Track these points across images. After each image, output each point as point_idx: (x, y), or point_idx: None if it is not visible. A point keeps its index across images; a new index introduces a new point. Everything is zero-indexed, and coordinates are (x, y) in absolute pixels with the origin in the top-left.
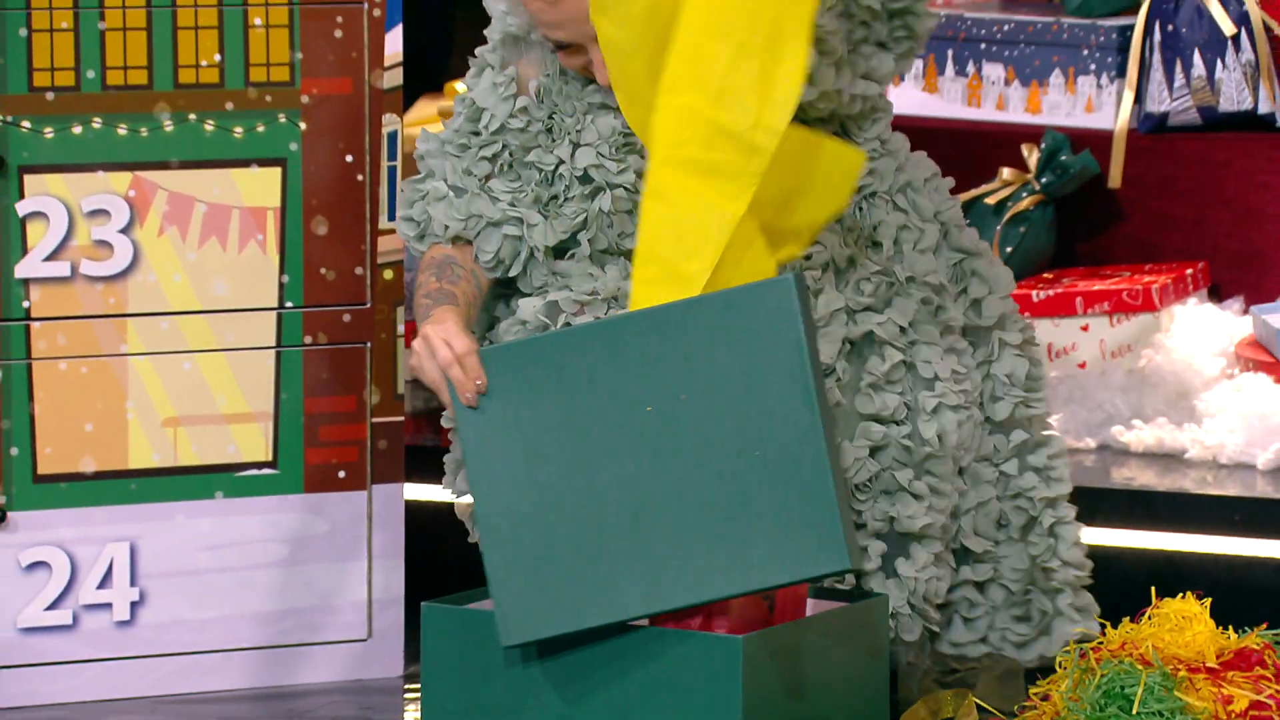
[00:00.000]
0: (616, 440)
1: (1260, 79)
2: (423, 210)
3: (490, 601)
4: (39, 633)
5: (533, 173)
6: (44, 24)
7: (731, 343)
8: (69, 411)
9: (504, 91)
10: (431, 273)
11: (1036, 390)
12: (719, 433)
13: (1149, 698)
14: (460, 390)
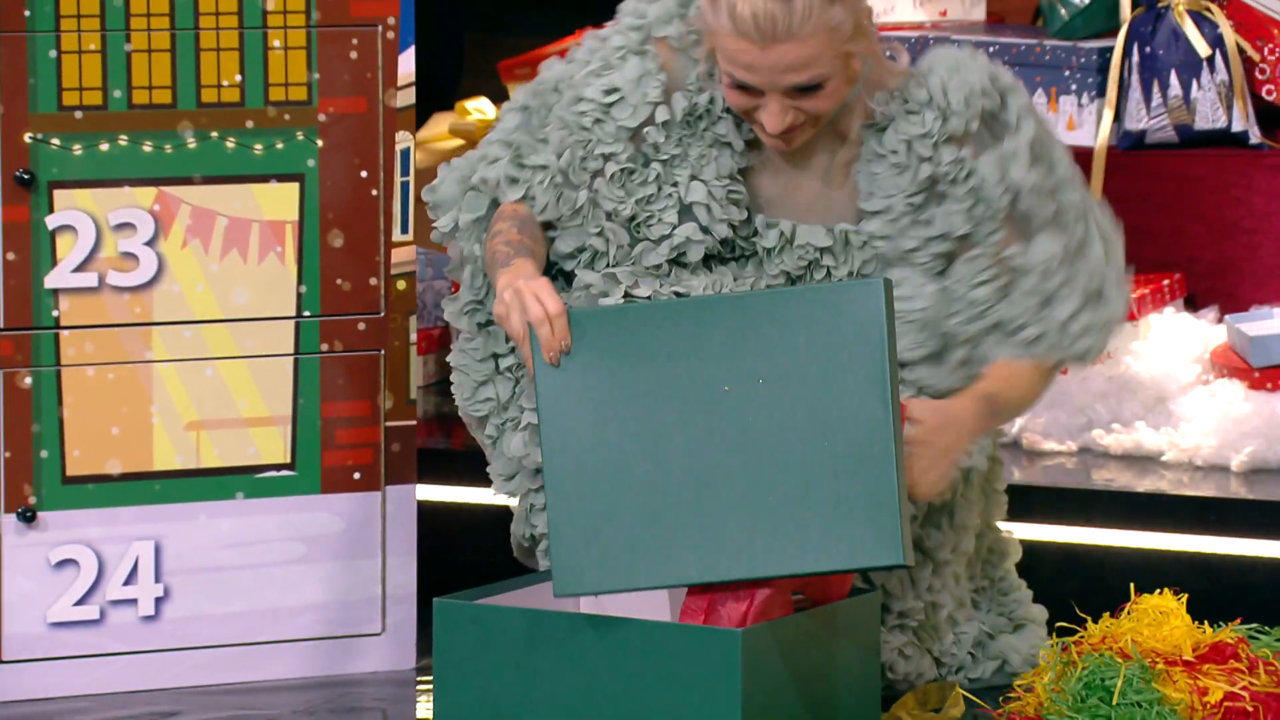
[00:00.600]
0: (691, 413)
1: (1234, 98)
2: (528, 177)
3: (500, 598)
4: (68, 627)
5: (641, 186)
6: (72, 46)
7: (816, 335)
8: (96, 416)
9: (653, 95)
10: (514, 224)
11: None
12: (792, 419)
13: (1128, 689)
14: (546, 348)
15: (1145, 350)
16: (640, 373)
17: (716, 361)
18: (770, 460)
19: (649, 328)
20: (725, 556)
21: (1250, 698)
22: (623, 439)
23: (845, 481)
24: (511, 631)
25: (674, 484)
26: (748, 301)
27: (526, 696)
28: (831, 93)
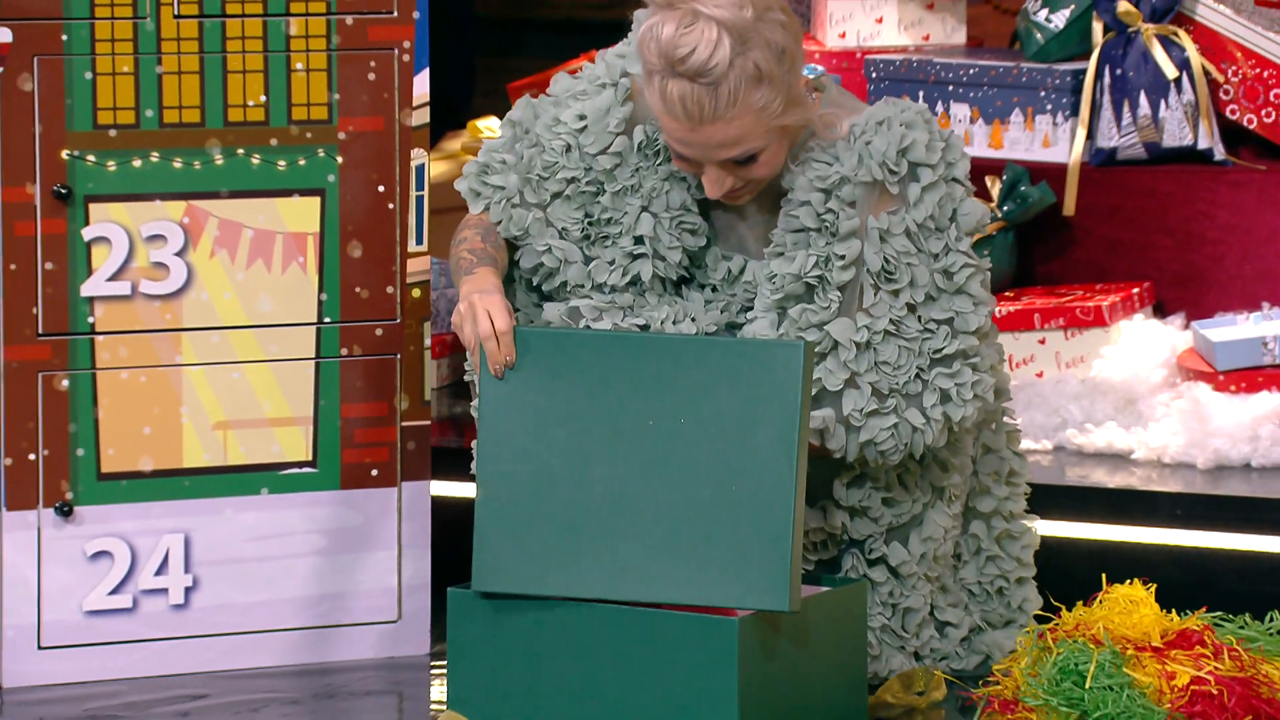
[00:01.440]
0: (616, 441)
1: (1200, 118)
2: (489, 194)
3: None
4: (102, 615)
5: (598, 210)
6: (107, 68)
7: (738, 386)
8: (129, 416)
9: (614, 126)
10: (478, 232)
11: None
12: (707, 461)
13: (1100, 674)
14: (491, 361)
15: (1115, 354)
16: (576, 396)
17: (645, 396)
18: (682, 496)
19: (589, 355)
20: (629, 580)
21: (1215, 681)
22: (551, 455)
23: (746, 527)
24: (520, 619)
25: (593, 504)
26: (681, 345)
27: (534, 680)
28: (766, 161)
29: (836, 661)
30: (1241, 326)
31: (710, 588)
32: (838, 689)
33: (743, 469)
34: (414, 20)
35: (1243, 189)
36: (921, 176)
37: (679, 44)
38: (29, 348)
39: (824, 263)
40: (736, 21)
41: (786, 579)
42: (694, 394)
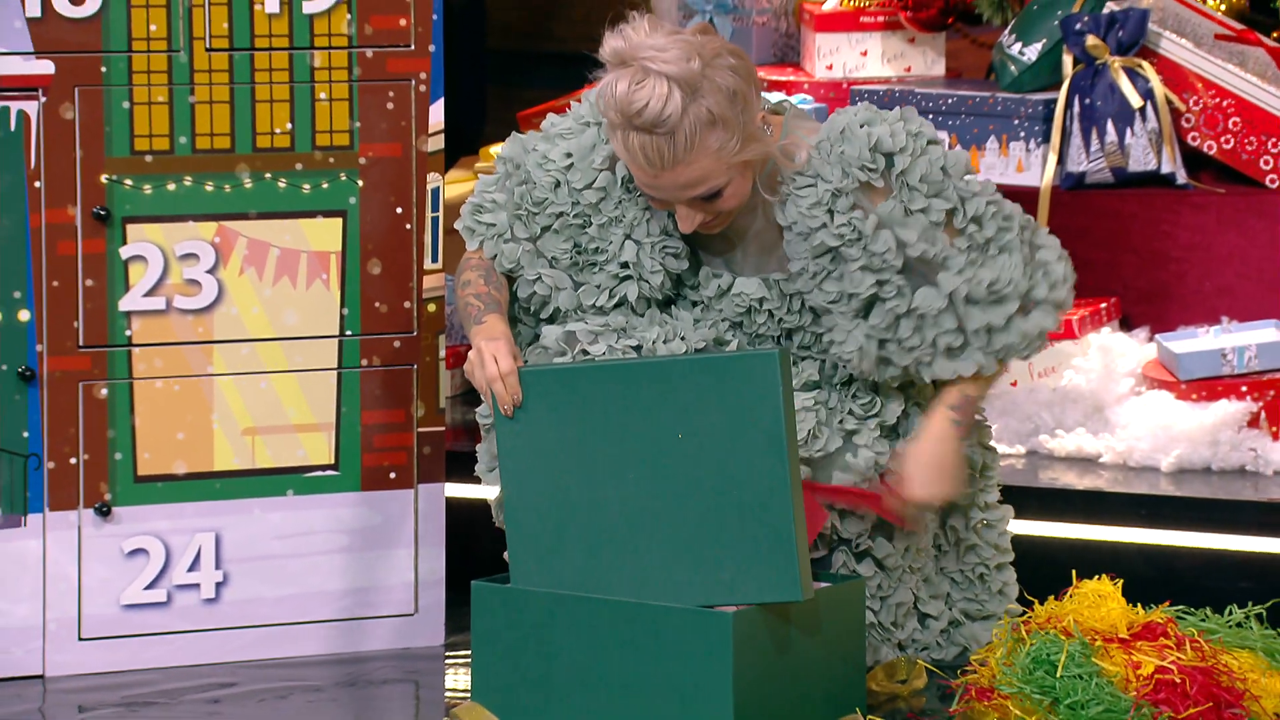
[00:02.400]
0: (622, 461)
1: (1163, 144)
2: (483, 232)
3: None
4: (139, 609)
5: (585, 240)
6: (143, 98)
7: (724, 399)
8: (164, 422)
9: (598, 163)
10: (480, 274)
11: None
12: (706, 470)
13: (1070, 664)
14: (500, 403)
15: (1085, 365)
16: (580, 424)
17: (642, 417)
18: (689, 505)
19: (587, 386)
20: (649, 586)
21: (1178, 671)
22: (567, 481)
23: (751, 527)
24: (537, 611)
25: (609, 521)
26: (668, 367)
27: (549, 668)
28: (731, 195)
29: (836, 653)
30: (1202, 339)
31: (726, 586)
32: (837, 680)
33: (740, 473)
34: (430, 53)
35: (1203, 211)
36: (897, 163)
37: (632, 99)
38: (70, 359)
39: (875, 268)
40: (684, 73)
41: (795, 570)
42: (686, 410)
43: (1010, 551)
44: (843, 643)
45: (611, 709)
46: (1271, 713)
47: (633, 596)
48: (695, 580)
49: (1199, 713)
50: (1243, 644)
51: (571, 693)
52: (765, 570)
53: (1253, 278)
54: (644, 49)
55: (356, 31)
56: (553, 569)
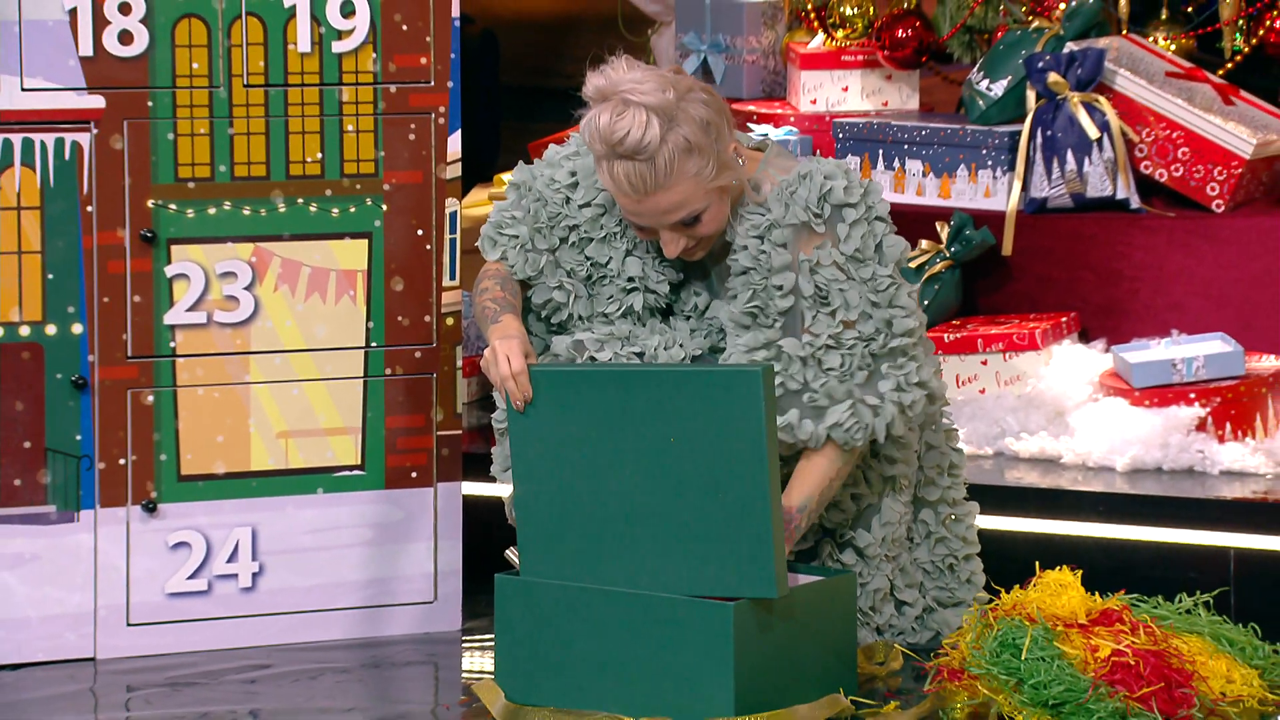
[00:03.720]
0: (621, 459)
1: (1118, 172)
2: (505, 243)
3: None
4: (182, 597)
5: (597, 252)
6: (186, 130)
7: (711, 411)
8: (205, 426)
9: (599, 183)
10: (497, 282)
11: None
12: (694, 475)
13: (1034, 647)
14: (512, 398)
15: (1048, 374)
16: (583, 422)
17: (639, 421)
18: (678, 504)
19: (591, 388)
20: (641, 574)
21: (1132, 654)
22: (572, 474)
23: (733, 528)
24: (553, 601)
25: (608, 514)
26: (664, 376)
27: (565, 652)
28: (710, 220)
29: (828, 640)
30: (1154, 350)
31: (710, 582)
32: (830, 664)
33: (725, 478)
34: (448, 89)
35: (1155, 233)
36: (846, 216)
37: (615, 129)
38: (119, 368)
39: (763, 293)
40: (661, 104)
41: (772, 570)
42: (678, 417)
43: (977, 544)
44: (835, 630)
45: (620, 691)
46: (1218, 691)
47: (627, 586)
48: (683, 574)
49: (1151, 692)
50: (1191, 629)
51: (584, 676)
52: (745, 569)
53: (1200, 294)
54: (623, 83)
55: (381, 69)
56: (557, 556)
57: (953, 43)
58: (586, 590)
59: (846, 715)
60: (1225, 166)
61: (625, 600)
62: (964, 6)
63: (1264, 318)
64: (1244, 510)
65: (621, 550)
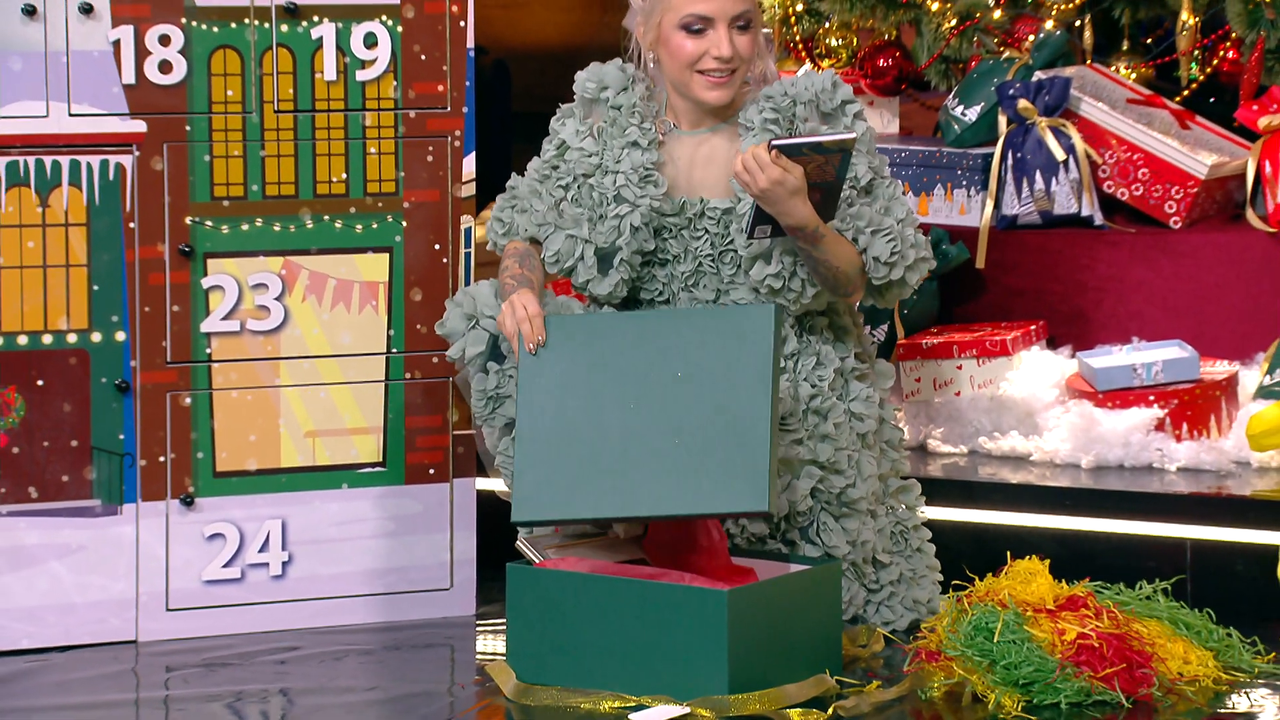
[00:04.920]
0: (624, 393)
1: (1083, 191)
2: (510, 216)
3: (551, 561)
4: (217, 584)
5: (592, 195)
6: (221, 152)
7: (723, 342)
8: (238, 426)
9: (583, 134)
10: (515, 260)
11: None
12: (698, 402)
13: (1006, 631)
14: (526, 340)
15: (1017, 378)
16: (592, 362)
17: (648, 357)
18: (681, 430)
19: (602, 330)
20: (638, 498)
21: (1096, 637)
22: (574, 409)
23: (732, 449)
24: (561, 588)
25: (608, 443)
26: (676, 314)
27: (572, 635)
28: (750, 44)
29: (815, 626)
30: (1116, 356)
31: (705, 498)
32: (817, 645)
33: (729, 404)
34: (463, 114)
35: (1117, 248)
36: (848, 111)
37: None
38: (160, 373)
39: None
40: None
41: (765, 486)
42: (688, 351)
43: (922, 517)
44: (821, 615)
45: (623, 672)
46: (1176, 672)
47: (621, 507)
48: (677, 492)
49: (1114, 672)
50: (1151, 614)
51: (590, 657)
52: (741, 485)
53: (1158, 304)
54: None
55: (401, 96)
56: (552, 483)
57: (930, 71)
58: (592, 579)
59: (832, 694)
60: (1182, 186)
61: (628, 586)
62: (940, 38)
63: (1217, 326)
64: (1199, 504)
65: (619, 478)
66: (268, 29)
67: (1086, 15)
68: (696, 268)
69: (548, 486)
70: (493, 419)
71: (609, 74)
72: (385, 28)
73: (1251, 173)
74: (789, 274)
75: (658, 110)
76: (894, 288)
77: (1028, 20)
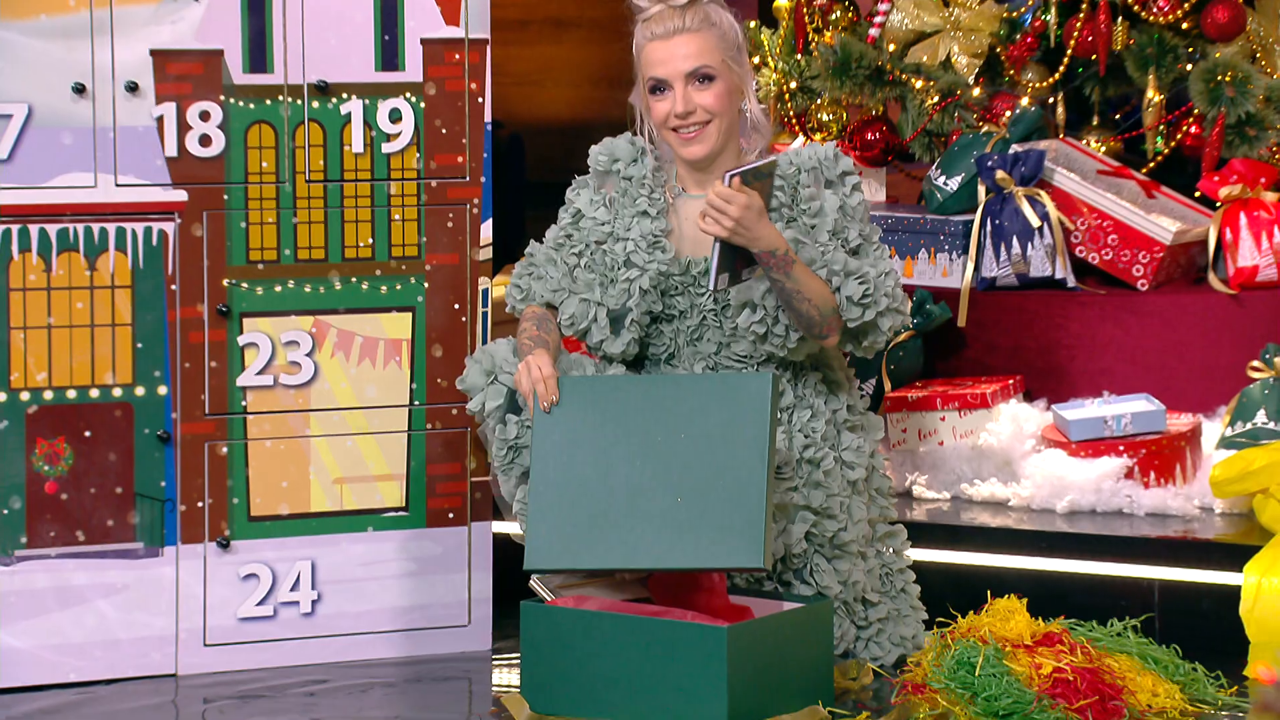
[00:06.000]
0: (631, 452)
1: (1056, 256)
2: (528, 283)
3: (561, 599)
4: (251, 621)
5: (604, 260)
6: (256, 219)
7: (723, 407)
8: (271, 474)
9: (597, 203)
10: (533, 323)
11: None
12: (700, 463)
13: (986, 665)
14: (541, 399)
15: (997, 429)
16: (602, 422)
17: (654, 419)
18: (683, 489)
19: (611, 392)
20: (642, 552)
21: (1071, 671)
22: (584, 467)
23: (731, 510)
24: (571, 626)
25: (615, 499)
26: (681, 380)
27: (581, 668)
28: (717, 97)
29: (808, 659)
30: (1088, 409)
31: (704, 553)
32: (810, 681)
33: (728, 466)
34: (481, 183)
35: (1088, 308)
36: (847, 182)
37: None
38: (198, 424)
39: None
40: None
41: (761, 544)
42: (691, 415)
43: (907, 560)
44: (813, 649)
45: (630, 703)
46: (1145, 704)
47: (626, 562)
48: (680, 547)
49: (1088, 704)
50: (1121, 649)
51: (599, 689)
52: (737, 542)
53: (1127, 360)
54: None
55: (423, 166)
56: (565, 538)
57: (914, 144)
58: (599, 617)
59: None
60: (1148, 251)
61: (634, 623)
62: (924, 113)
63: (1182, 381)
64: (1166, 547)
65: (624, 531)
66: (300, 105)
67: (1059, 92)
68: (700, 322)
69: (558, 538)
70: (510, 468)
71: (620, 147)
72: (409, 104)
73: (1213, 239)
74: (772, 320)
75: (667, 179)
76: (869, 332)
77: (1004, 97)
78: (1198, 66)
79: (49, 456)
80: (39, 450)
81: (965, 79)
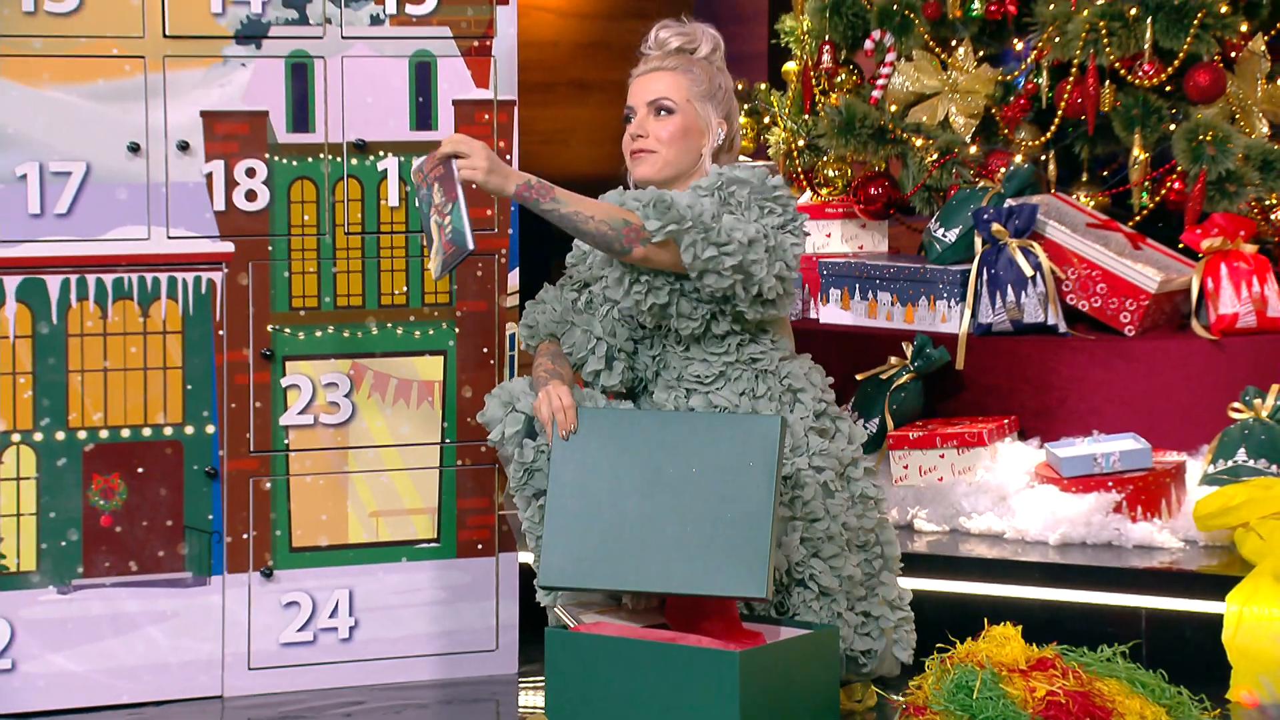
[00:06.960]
0: (645, 481)
1: (1049, 303)
2: (535, 318)
3: (584, 626)
4: (293, 646)
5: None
6: (299, 269)
7: (733, 444)
8: (312, 508)
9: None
10: (548, 357)
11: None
12: (710, 494)
13: (983, 688)
14: (560, 428)
15: (993, 465)
16: (618, 452)
17: (668, 452)
18: (692, 518)
19: (628, 424)
20: (651, 577)
21: (1064, 694)
22: (599, 493)
23: (738, 541)
24: (593, 651)
25: (627, 526)
26: (694, 417)
27: (602, 692)
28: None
29: (815, 683)
30: (1079, 447)
31: (711, 580)
32: (816, 703)
33: (736, 500)
34: (509, 235)
35: (1079, 352)
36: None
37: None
38: (244, 461)
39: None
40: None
41: (765, 575)
42: (703, 449)
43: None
44: (820, 673)
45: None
46: None
47: (635, 584)
48: (687, 573)
49: None
50: (1111, 674)
51: (619, 710)
52: (743, 571)
53: (1115, 402)
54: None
55: None
56: (577, 559)
57: (915, 199)
58: (619, 642)
59: None
60: (1135, 299)
61: (651, 648)
62: (924, 170)
63: (1167, 421)
64: (1153, 577)
65: (636, 557)
66: (339, 162)
67: (1050, 151)
68: (663, 349)
69: (571, 558)
70: (524, 489)
71: (613, 195)
72: None
73: (1196, 288)
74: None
75: None
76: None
77: (999, 155)
78: (1181, 127)
79: (104, 491)
80: (95, 486)
81: (962, 138)
